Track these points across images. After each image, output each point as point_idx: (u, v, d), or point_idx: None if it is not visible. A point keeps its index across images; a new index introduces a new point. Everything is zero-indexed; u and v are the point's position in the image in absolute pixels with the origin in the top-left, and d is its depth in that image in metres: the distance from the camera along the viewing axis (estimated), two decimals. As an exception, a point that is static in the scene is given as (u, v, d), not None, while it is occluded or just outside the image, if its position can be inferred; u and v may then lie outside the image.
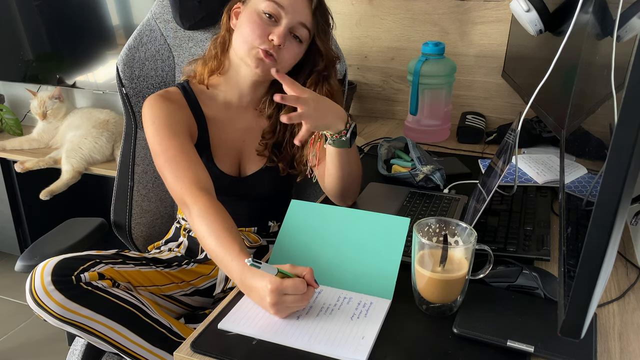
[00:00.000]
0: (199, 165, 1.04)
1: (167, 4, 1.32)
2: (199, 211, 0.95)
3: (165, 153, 1.04)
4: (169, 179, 1.02)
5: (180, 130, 1.08)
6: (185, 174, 1.01)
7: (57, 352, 1.94)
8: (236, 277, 0.86)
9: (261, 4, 1.06)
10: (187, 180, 1.00)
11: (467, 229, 0.82)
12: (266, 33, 1.06)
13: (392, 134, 1.70)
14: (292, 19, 1.06)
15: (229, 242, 0.89)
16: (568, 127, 1.00)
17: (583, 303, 0.54)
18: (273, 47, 1.06)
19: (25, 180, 2.21)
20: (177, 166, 1.02)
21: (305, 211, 0.96)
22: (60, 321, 0.93)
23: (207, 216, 0.94)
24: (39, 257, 1.16)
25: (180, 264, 1.17)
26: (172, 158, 1.03)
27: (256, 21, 1.06)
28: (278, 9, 1.05)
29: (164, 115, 1.08)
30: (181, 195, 0.99)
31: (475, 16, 1.69)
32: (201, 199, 0.96)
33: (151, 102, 1.11)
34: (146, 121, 1.09)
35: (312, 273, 0.81)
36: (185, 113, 1.13)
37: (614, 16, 0.75)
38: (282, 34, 1.05)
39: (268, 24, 1.06)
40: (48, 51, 2.23)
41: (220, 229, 0.91)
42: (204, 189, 0.99)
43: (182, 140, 1.06)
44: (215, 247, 0.91)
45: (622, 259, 0.98)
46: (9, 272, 2.41)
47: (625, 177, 0.47)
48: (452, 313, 0.81)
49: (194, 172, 1.01)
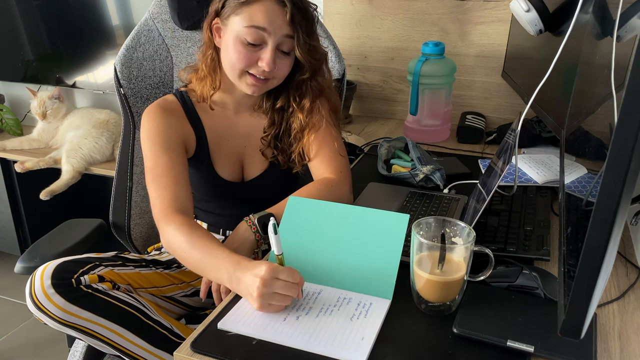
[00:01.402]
0: (181, 185, 1.03)
1: (165, 3, 1.32)
2: (175, 229, 0.94)
3: (152, 171, 1.04)
4: (151, 197, 1.03)
5: (173, 145, 1.08)
6: (164, 194, 1.00)
7: (57, 353, 1.94)
8: (228, 275, 0.85)
9: (241, 29, 1.02)
10: (165, 200, 1.00)
11: (466, 229, 0.82)
12: (254, 60, 1.04)
13: (392, 134, 1.70)
14: (276, 37, 1.03)
15: (214, 247, 0.89)
16: (568, 127, 0.99)
17: (583, 303, 0.54)
18: (264, 72, 1.04)
19: (25, 180, 2.21)
20: (160, 185, 1.02)
21: (304, 207, 0.96)
22: (61, 324, 0.93)
23: (184, 232, 0.93)
24: (39, 259, 1.16)
25: (179, 265, 1.17)
26: (157, 176, 1.03)
27: (241, 51, 1.03)
28: (260, 33, 1.02)
29: (159, 128, 1.08)
30: (157, 216, 1.00)
31: (475, 16, 1.69)
32: (175, 219, 0.96)
33: (148, 115, 1.10)
34: (143, 133, 1.09)
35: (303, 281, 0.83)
36: (182, 124, 1.13)
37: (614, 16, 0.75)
38: (270, 61, 1.03)
39: (254, 51, 1.03)
40: (48, 51, 2.23)
41: (200, 240, 0.91)
42: (178, 210, 0.99)
43: (174, 156, 1.06)
44: (201, 256, 0.90)
45: (622, 259, 0.98)
46: (9, 272, 2.41)
47: (625, 177, 0.47)
48: (450, 312, 0.81)
49: (173, 192, 1.01)
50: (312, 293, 0.86)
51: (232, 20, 1.04)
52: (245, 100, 1.16)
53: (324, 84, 1.15)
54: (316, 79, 1.13)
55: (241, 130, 1.18)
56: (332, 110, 1.18)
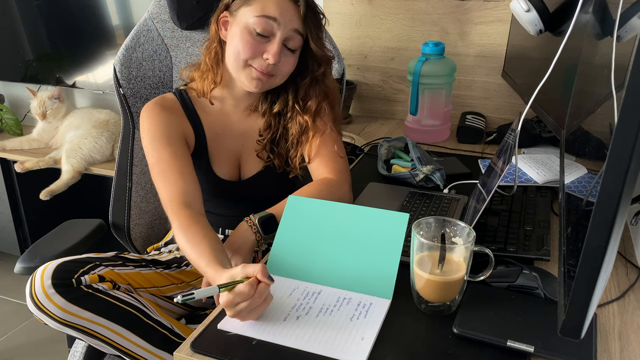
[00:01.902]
0: (186, 177, 1.04)
1: (165, 4, 1.32)
2: (178, 224, 0.96)
3: (157, 165, 1.05)
4: (159, 191, 1.04)
5: (174, 139, 1.08)
6: (170, 188, 1.02)
7: (57, 353, 1.94)
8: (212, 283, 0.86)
9: (251, 19, 1.03)
10: (171, 194, 1.01)
11: (466, 229, 0.82)
12: (260, 52, 1.04)
13: (392, 134, 1.70)
14: (285, 29, 1.03)
15: (202, 250, 0.89)
16: (568, 127, 0.99)
17: (583, 303, 0.54)
18: (268, 65, 1.04)
19: (25, 180, 2.21)
20: (165, 179, 1.03)
21: (304, 207, 0.96)
22: (62, 324, 0.93)
23: (184, 227, 0.94)
24: (39, 259, 1.16)
25: (179, 265, 1.17)
26: (162, 171, 1.04)
27: (248, 41, 1.03)
28: (271, 23, 1.02)
29: (159, 124, 1.08)
30: (166, 208, 1.01)
31: (475, 16, 1.69)
32: (180, 213, 0.97)
33: (147, 111, 1.10)
34: (142, 131, 1.09)
35: (264, 270, 0.77)
36: (181, 120, 1.13)
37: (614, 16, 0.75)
38: (276, 53, 1.03)
39: (261, 42, 1.04)
40: (48, 51, 2.23)
41: (194, 238, 0.92)
42: (185, 203, 0.99)
43: (176, 149, 1.07)
44: (193, 256, 0.91)
45: (622, 259, 0.98)
46: (9, 272, 2.41)
47: (625, 177, 0.47)
48: (450, 312, 0.81)
49: (179, 186, 1.02)
50: (312, 293, 0.86)
51: (241, 12, 1.05)
52: (245, 98, 1.16)
53: (331, 87, 1.15)
54: (323, 82, 1.13)
55: (239, 129, 1.18)
56: (335, 112, 1.18)
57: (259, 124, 1.19)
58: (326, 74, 1.14)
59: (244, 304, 0.76)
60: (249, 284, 0.76)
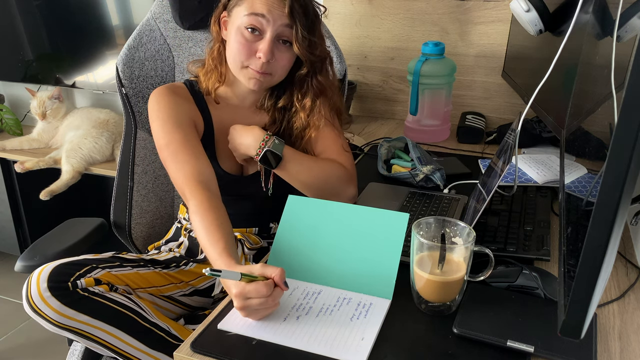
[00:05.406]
0: (200, 158, 1.04)
1: (167, 4, 1.32)
2: (195, 206, 0.95)
3: (168, 146, 1.05)
4: (171, 173, 1.04)
5: (185, 122, 1.09)
6: (185, 167, 1.01)
7: (57, 353, 1.94)
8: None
9: (242, 18, 1.04)
10: (187, 174, 1.01)
11: (466, 229, 0.82)
12: (253, 51, 1.05)
13: (392, 134, 1.70)
14: (274, 25, 1.03)
15: (217, 239, 0.89)
16: (568, 127, 0.99)
17: (583, 303, 0.54)
18: (263, 64, 1.05)
19: (25, 180, 2.21)
20: (179, 160, 1.03)
21: (303, 206, 0.96)
22: (58, 327, 0.93)
23: (201, 212, 0.94)
24: (39, 258, 1.16)
25: (178, 264, 1.17)
26: (174, 151, 1.04)
27: (241, 41, 1.05)
28: (260, 20, 1.03)
29: (169, 107, 1.09)
30: (181, 189, 1.01)
31: (475, 16, 1.69)
32: (198, 194, 0.97)
33: (157, 95, 1.11)
34: (152, 114, 1.09)
35: (282, 274, 0.79)
36: (191, 107, 1.14)
37: (614, 16, 0.75)
38: (267, 50, 1.03)
39: (253, 41, 1.04)
40: (48, 51, 2.23)
41: (211, 225, 0.92)
42: (202, 183, 0.99)
43: (187, 131, 1.07)
44: (205, 242, 0.91)
45: (622, 259, 0.98)
46: (9, 272, 2.41)
47: (625, 177, 0.47)
48: (450, 312, 0.81)
49: (194, 165, 1.02)
50: (312, 293, 0.86)
51: (235, 11, 1.06)
52: (249, 95, 1.17)
53: (326, 84, 1.15)
54: (317, 78, 1.13)
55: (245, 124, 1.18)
56: (335, 110, 1.18)
57: (263, 120, 1.19)
58: (321, 69, 1.13)
59: (256, 301, 0.77)
60: (268, 285, 0.77)
